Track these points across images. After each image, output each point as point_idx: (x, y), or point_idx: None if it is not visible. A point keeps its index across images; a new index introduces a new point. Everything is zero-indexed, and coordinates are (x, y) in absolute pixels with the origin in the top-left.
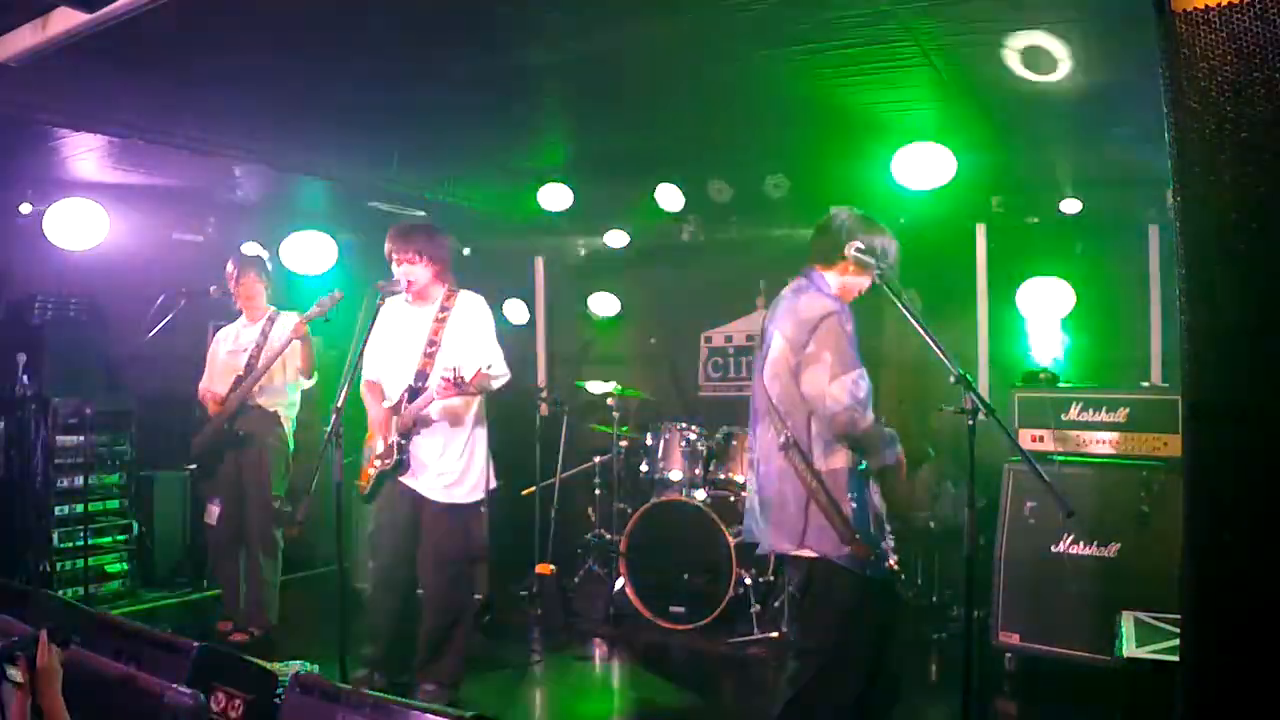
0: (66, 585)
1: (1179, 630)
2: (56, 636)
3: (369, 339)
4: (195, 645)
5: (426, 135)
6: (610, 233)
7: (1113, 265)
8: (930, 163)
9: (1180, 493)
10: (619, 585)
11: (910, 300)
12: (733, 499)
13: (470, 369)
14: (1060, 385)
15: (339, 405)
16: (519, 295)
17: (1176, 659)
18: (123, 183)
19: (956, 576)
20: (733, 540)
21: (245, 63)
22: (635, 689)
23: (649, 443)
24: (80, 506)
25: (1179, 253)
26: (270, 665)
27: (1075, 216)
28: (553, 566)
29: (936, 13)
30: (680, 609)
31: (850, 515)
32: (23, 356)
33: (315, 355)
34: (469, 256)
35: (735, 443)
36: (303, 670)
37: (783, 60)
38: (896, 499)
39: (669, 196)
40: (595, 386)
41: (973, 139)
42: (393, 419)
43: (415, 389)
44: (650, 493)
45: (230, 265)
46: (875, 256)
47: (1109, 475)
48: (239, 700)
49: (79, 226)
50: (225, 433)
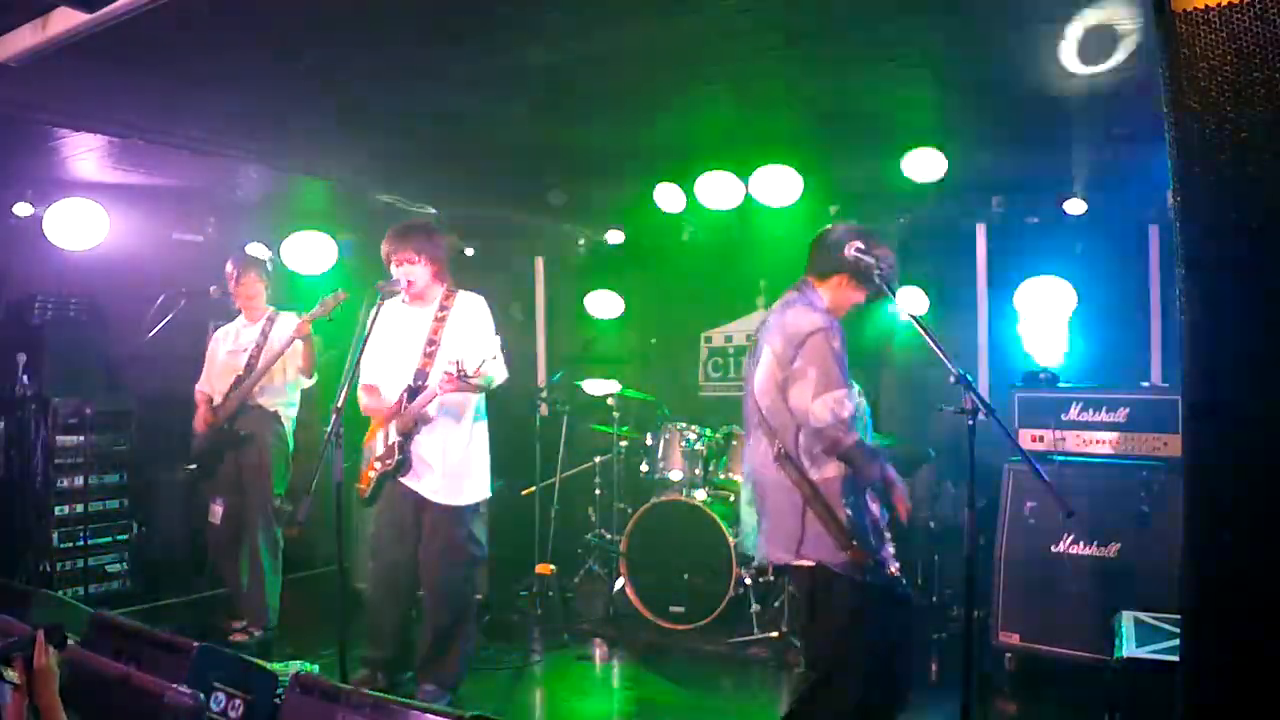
0: (66, 585)
1: (1179, 630)
2: (53, 637)
3: (363, 342)
4: (195, 645)
5: (426, 135)
6: (610, 232)
7: (1113, 265)
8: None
9: (1180, 493)
10: (619, 585)
11: (913, 300)
12: (732, 499)
13: (473, 362)
14: (1060, 385)
15: (339, 405)
16: (519, 295)
17: (1176, 659)
18: (123, 183)
19: (956, 576)
20: (733, 540)
21: (245, 63)
22: (635, 689)
23: (649, 443)
24: (80, 506)
25: (1179, 253)
26: (270, 665)
27: (1075, 216)
28: (553, 566)
29: (936, 13)
30: (680, 609)
31: (846, 522)
32: (23, 356)
33: (316, 355)
34: (469, 257)
35: (735, 443)
36: (303, 670)
37: (783, 60)
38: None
39: (669, 196)
40: (595, 386)
41: (973, 139)
42: (392, 420)
43: (415, 388)
44: (650, 493)
45: (230, 265)
46: (876, 258)
47: (1109, 475)
48: (239, 700)
49: (79, 226)
50: (225, 432)
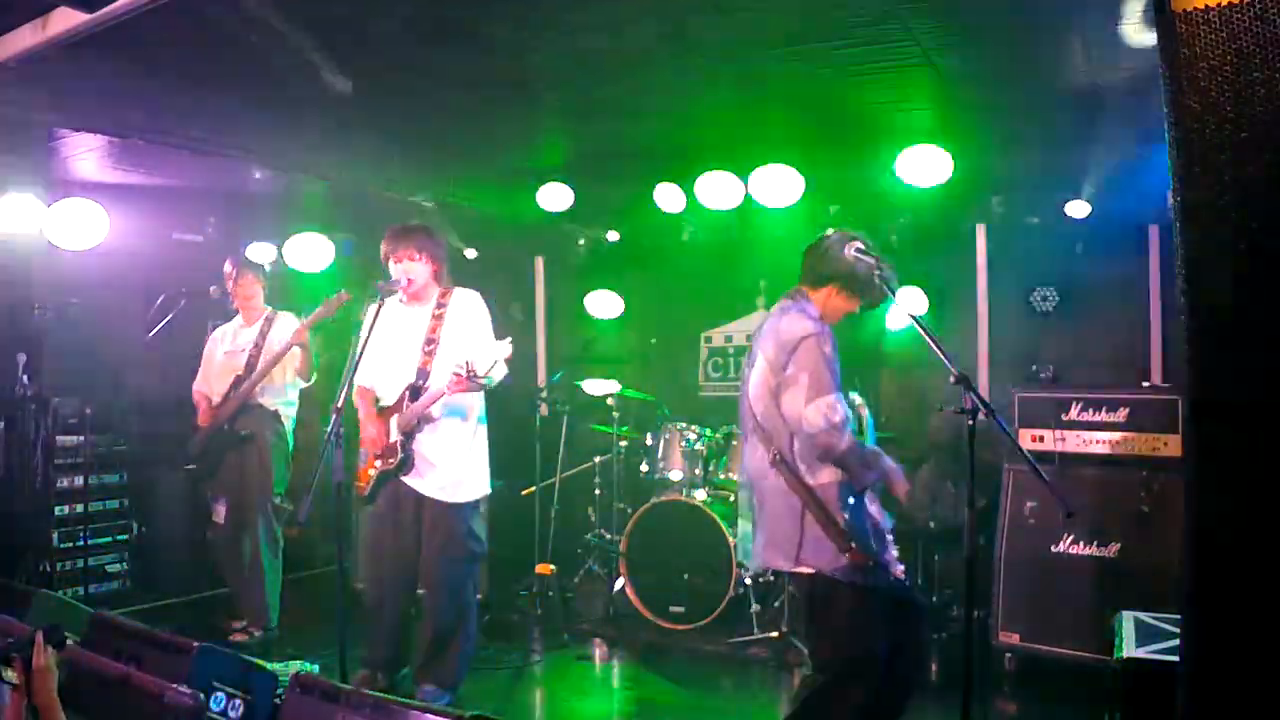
0: (66, 585)
1: (1179, 630)
2: (52, 637)
3: (364, 342)
4: (195, 645)
5: (426, 135)
6: (610, 232)
7: (1113, 265)
8: (930, 159)
9: (1180, 493)
10: (619, 585)
11: (913, 300)
12: (732, 499)
13: (484, 361)
14: (1060, 385)
15: (339, 405)
16: (519, 295)
17: (1176, 659)
18: (123, 183)
19: (956, 576)
20: (733, 540)
21: (245, 63)
22: (635, 689)
23: (649, 443)
24: (80, 506)
25: (1179, 253)
26: (270, 665)
27: (1074, 215)
28: (553, 566)
29: (936, 13)
30: (680, 609)
31: (844, 525)
32: (23, 356)
33: (314, 356)
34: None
35: (735, 443)
36: (303, 670)
37: (783, 60)
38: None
39: (669, 196)
40: (595, 386)
41: (973, 139)
42: (393, 419)
43: (417, 387)
44: (650, 493)
45: (228, 265)
46: (876, 258)
47: (1109, 475)
48: (239, 700)
49: (79, 226)
50: (226, 432)
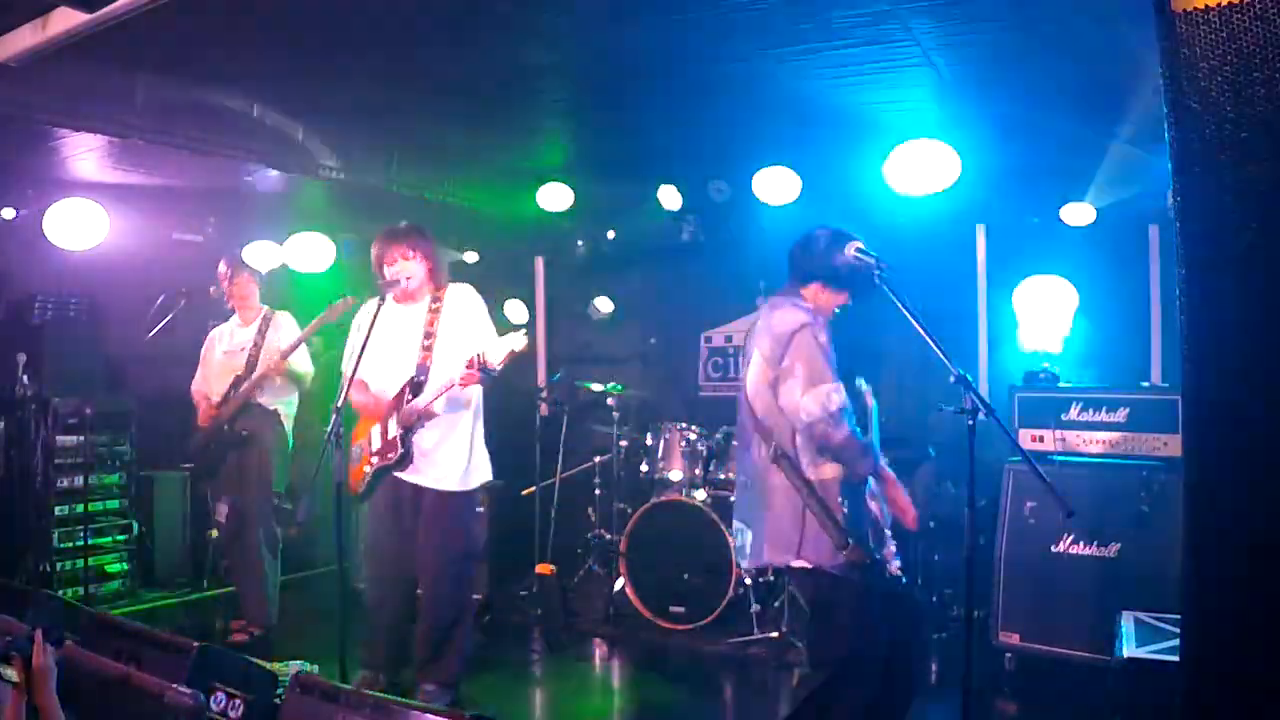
0: (66, 585)
1: (1179, 630)
2: (51, 635)
3: (364, 340)
4: (195, 645)
5: (427, 135)
6: (610, 232)
7: (1113, 265)
8: (930, 165)
9: (1180, 493)
10: (619, 585)
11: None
12: (733, 499)
13: (497, 352)
14: (1060, 385)
15: (339, 405)
16: (519, 295)
17: (1176, 659)
18: (123, 183)
19: (956, 576)
20: (733, 541)
21: (245, 63)
22: (635, 689)
23: (649, 443)
24: (80, 506)
25: (1179, 253)
26: (270, 665)
27: (1074, 215)
28: (553, 566)
29: (936, 13)
30: (680, 609)
31: (843, 521)
32: (23, 356)
33: (313, 358)
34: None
35: (735, 442)
36: (303, 670)
37: (783, 60)
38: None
39: (669, 196)
40: (594, 386)
41: (973, 139)
42: (390, 416)
43: (418, 382)
44: (650, 493)
45: (223, 265)
46: (875, 258)
47: (1109, 475)
48: (239, 700)
49: (79, 226)
50: (226, 432)
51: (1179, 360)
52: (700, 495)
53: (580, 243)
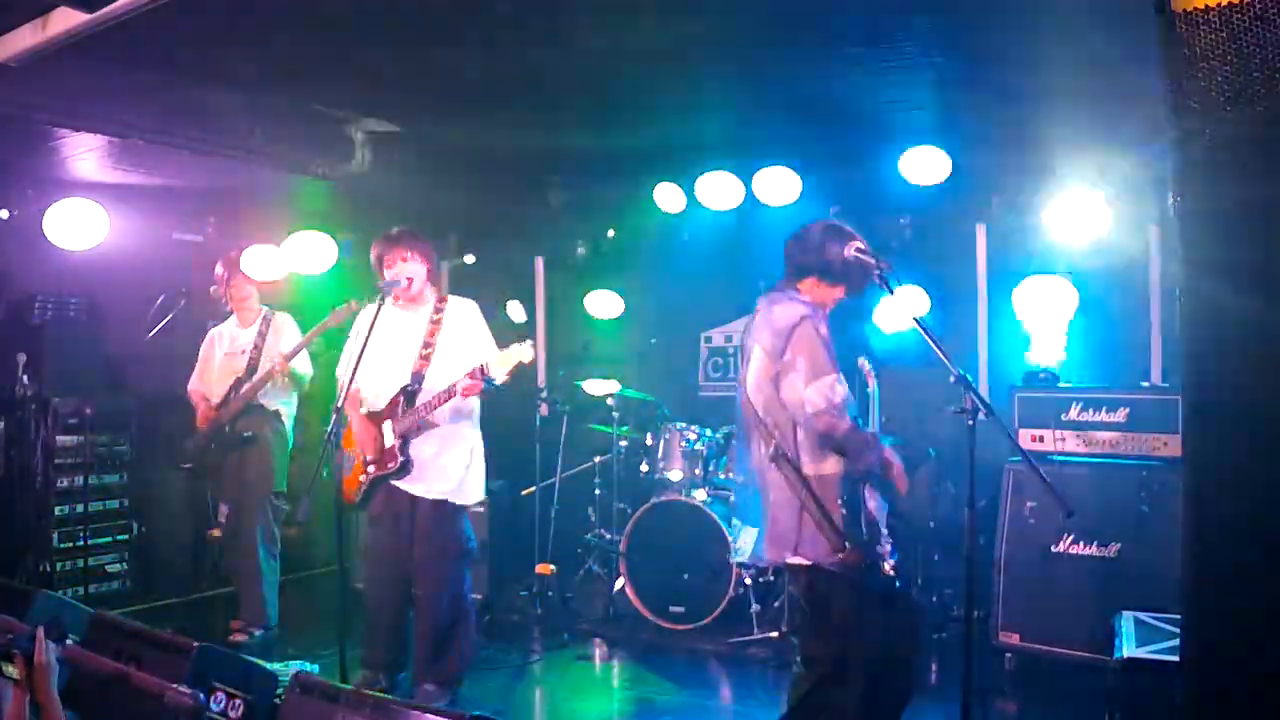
0: (66, 585)
1: (1179, 630)
2: (52, 632)
3: (358, 343)
4: (195, 645)
5: (427, 134)
6: (610, 231)
7: (1112, 265)
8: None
9: (1180, 493)
10: (619, 585)
11: (914, 300)
12: (732, 499)
13: (504, 363)
14: (1060, 385)
15: (339, 405)
16: (519, 295)
17: (1176, 659)
18: (123, 183)
19: (956, 576)
20: (732, 540)
21: (245, 63)
22: (635, 689)
23: (649, 443)
24: (80, 506)
25: (1179, 253)
26: (270, 665)
27: (1074, 216)
28: (553, 566)
29: (936, 12)
30: (680, 609)
31: (841, 522)
32: (23, 356)
33: (313, 358)
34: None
35: (735, 442)
36: (303, 670)
37: (783, 60)
38: (897, 499)
39: (669, 196)
40: (595, 386)
41: (973, 139)
42: (386, 424)
43: (412, 391)
44: (650, 493)
45: (220, 268)
46: (876, 258)
47: (1109, 475)
48: (239, 700)
49: (79, 226)
50: (227, 433)
51: (1179, 360)
52: (700, 495)
53: (580, 243)
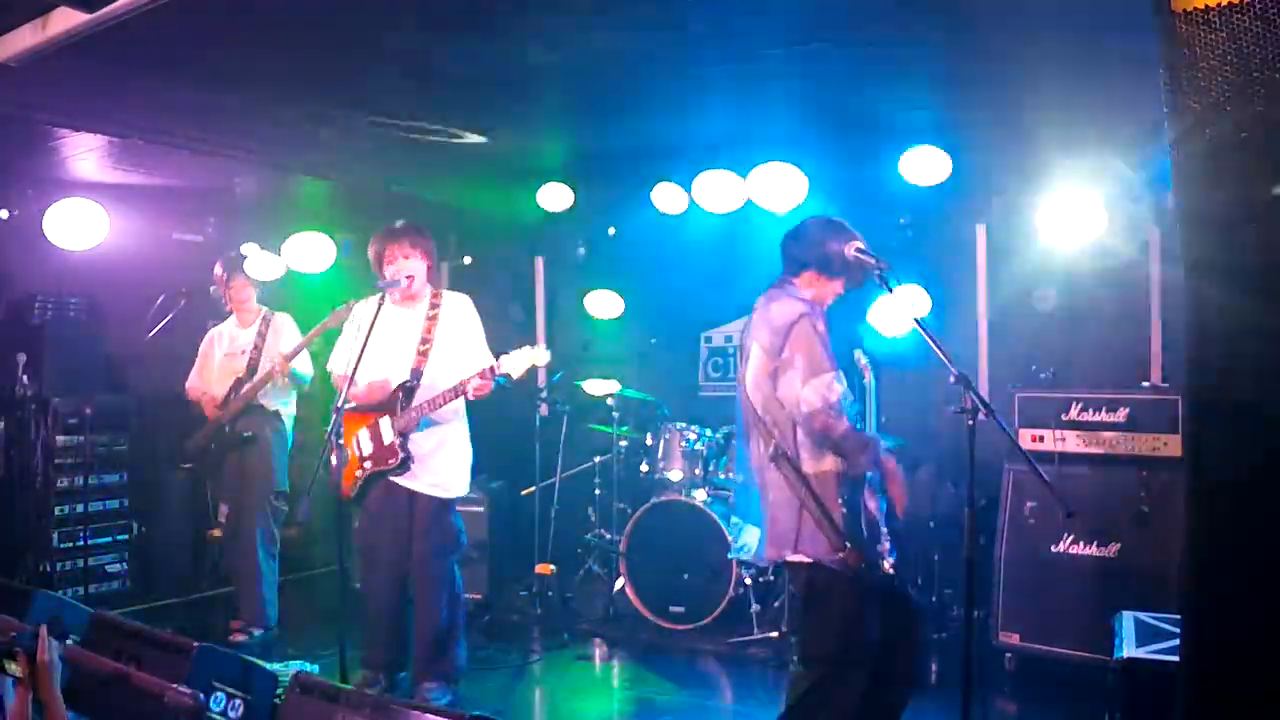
0: (66, 585)
1: (1179, 630)
2: (55, 630)
3: (358, 340)
4: (195, 645)
5: (428, 134)
6: (610, 230)
7: (1113, 265)
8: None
9: (1180, 493)
10: (619, 585)
11: (915, 300)
12: (731, 499)
13: (518, 365)
14: (1060, 385)
15: (339, 405)
16: (519, 295)
17: (1176, 659)
18: (123, 183)
19: (956, 576)
20: (730, 537)
21: (245, 63)
22: (635, 689)
23: (649, 443)
24: (80, 506)
25: (1179, 253)
26: (270, 665)
27: (1074, 216)
28: (553, 566)
29: (936, 12)
30: (680, 609)
31: (840, 521)
32: (23, 356)
33: (313, 357)
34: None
35: (735, 442)
36: (303, 670)
37: (783, 60)
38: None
39: (669, 196)
40: (595, 386)
41: (973, 139)
42: (383, 420)
43: (410, 387)
44: (650, 493)
45: (219, 268)
46: (876, 258)
47: (1109, 475)
48: (239, 700)
49: (79, 226)
50: (227, 434)
51: (1179, 360)
52: (700, 495)
53: (580, 242)
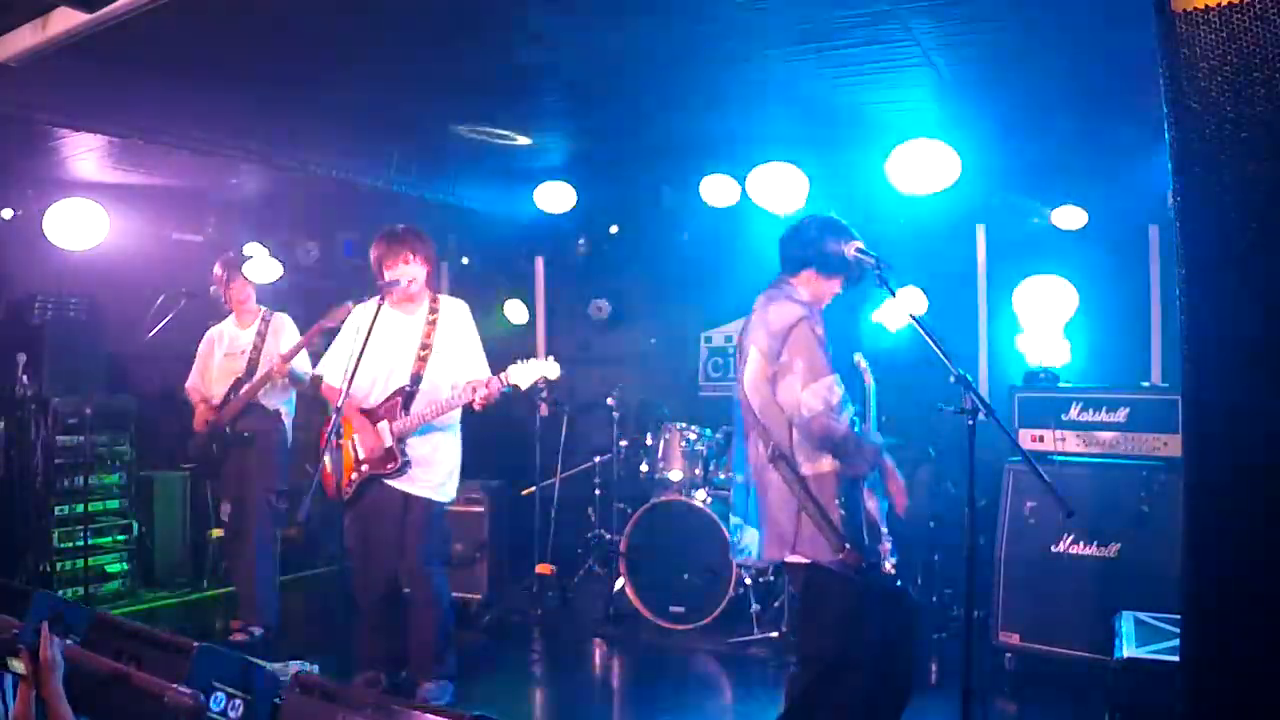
0: (66, 585)
1: (1179, 630)
2: (57, 627)
3: (357, 342)
4: (195, 645)
5: (427, 135)
6: (611, 230)
7: (1113, 265)
8: (931, 165)
9: (1180, 493)
10: (619, 585)
11: (912, 301)
12: (731, 499)
13: (528, 377)
14: (1060, 385)
15: (339, 405)
16: (519, 295)
17: (1176, 659)
18: (123, 183)
19: (956, 576)
20: (729, 536)
21: (245, 63)
22: (635, 689)
23: (649, 443)
24: (80, 506)
25: (1179, 253)
26: (270, 665)
27: (1073, 216)
28: (553, 566)
29: (936, 13)
30: (680, 609)
31: (839, 522)
32: (23, 356)
33: (309, 360)
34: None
35: (733, 441)
36: (303, 670)
37: (783, 60)
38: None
39: (669, 196)
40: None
41: (973, 139)
42: (382, 424)
43: (410, 392)
44: (650, 493)
45: (218, 268)
46: (876, 257)
47: (1109, 475)
48: (239, 700)
49: (79, 226)
50: (228, 434)
51: (1179, 360)
52: (700, 495)
53: (580, 242)
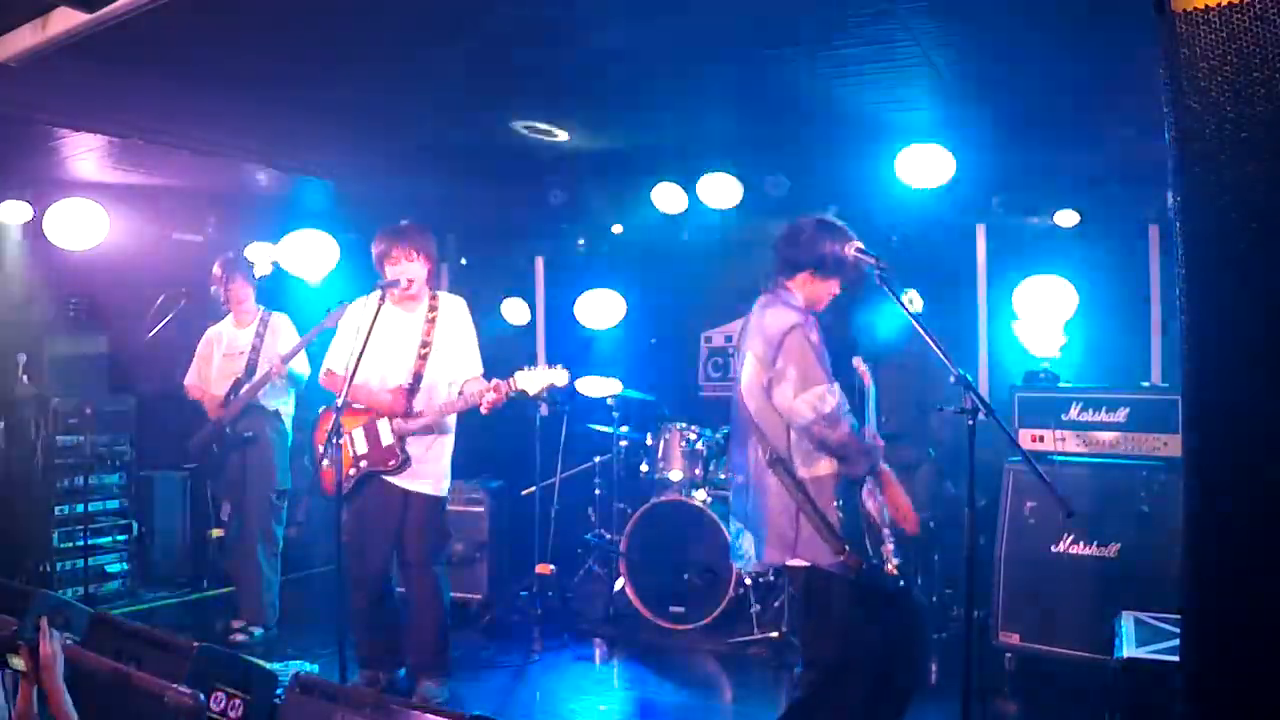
0: (66, 585)
1: (1179, 630)
2: (57, 620)
3: (358, 340)
4: (195, 645)
5: (426, 135)
6: (612, 230)
7: (1113, 265)
8: (931, 161)
9: (1180, 493)
10: (619, 585)
11: (910, 301)
12: (730, 499)
13: (536, 384)
14: (1060, 385)
15: (339, 405)
16: (519, 295)
17: (1176, 659)
18: (123, 183)
19: (956, 576)
20: (729, 538)
21: (245, 63)
22: (635, 689)
23: (649, 443)
24: (80, 506)
25: (1179, 253)
26: (270, 665)
27: (1073, 215)
28: (553, 566)
29: (936, 13)
30: (680, 609)
31: (838, 525)
32: (23, 356)
33: (308, 360)
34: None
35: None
36: (303, 670)
37: (783, 59)
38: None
39: (669, 196)
40: (595, 386)
41: (973, 139)
42: (382, 421)
43: (410, 389)
44: (650, 493)
45: (217, 269)
46: (876, 257)
47: (1109, 475)
48: (239, 700)
49: (79, 226)
50: (228, 434)
51: (1179, 360)
52: (700, 495)
53: (580, 243)
